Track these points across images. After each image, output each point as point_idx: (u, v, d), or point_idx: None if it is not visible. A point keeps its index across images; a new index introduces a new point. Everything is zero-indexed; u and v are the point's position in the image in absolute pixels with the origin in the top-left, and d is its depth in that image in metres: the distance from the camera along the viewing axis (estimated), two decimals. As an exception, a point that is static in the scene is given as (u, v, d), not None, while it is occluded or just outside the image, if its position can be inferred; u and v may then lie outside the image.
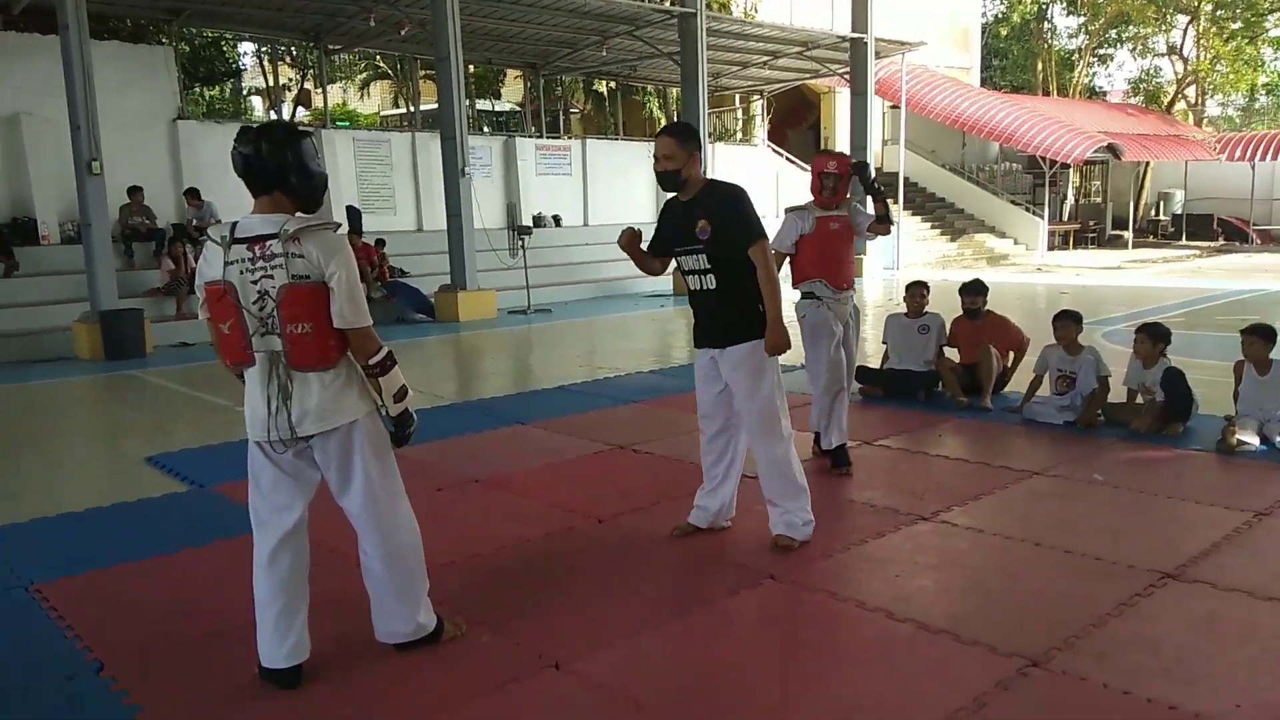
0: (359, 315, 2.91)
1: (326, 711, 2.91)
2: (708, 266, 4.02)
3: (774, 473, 4.15)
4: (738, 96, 25.69)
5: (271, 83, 23.55)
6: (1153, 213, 28.95)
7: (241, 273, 2.85)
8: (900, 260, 20.67)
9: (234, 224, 2.92)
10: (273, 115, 22.83)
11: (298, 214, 2.93)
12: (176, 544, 4.41)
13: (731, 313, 4.06)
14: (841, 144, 24.69)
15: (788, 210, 5.40)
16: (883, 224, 5.25)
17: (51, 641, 3.42)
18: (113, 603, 3.79)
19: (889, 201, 5.24)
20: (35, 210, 13.27)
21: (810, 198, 5.34)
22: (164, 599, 3.82)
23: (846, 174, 5.27)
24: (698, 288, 4.09)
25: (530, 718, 2.86)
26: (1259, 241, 26.23)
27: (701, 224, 3.96)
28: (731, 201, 4.02)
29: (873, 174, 5.13)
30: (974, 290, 7.17)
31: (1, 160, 13.16)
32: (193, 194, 13.69)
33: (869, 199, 5.33)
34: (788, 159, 23.91)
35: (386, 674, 3.11)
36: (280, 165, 2.88)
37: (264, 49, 22.36)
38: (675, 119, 23.56)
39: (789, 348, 4.10)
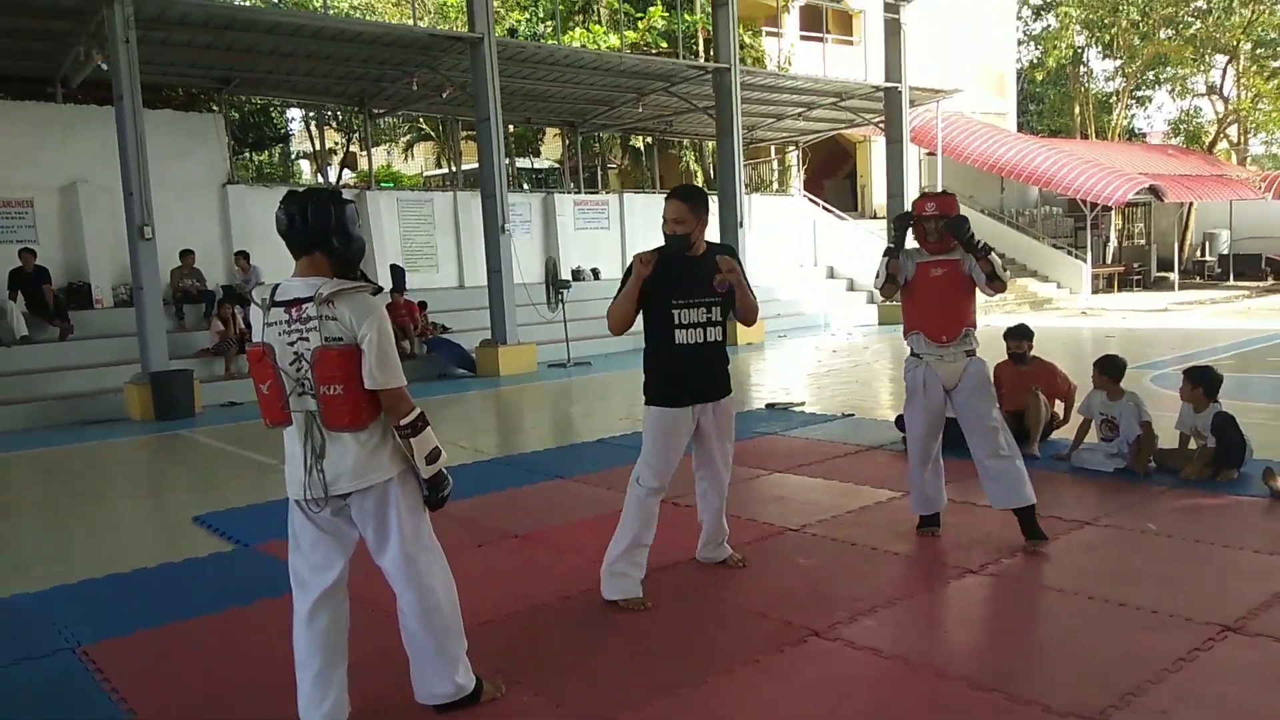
0: (389, 377, 2.92)
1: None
2: (720, 319, 4.22)
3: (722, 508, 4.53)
4: (773, 147, 25.89)
5: (318, 146, 24.22)
6: (1198, 253, 28.51)
7: (280, 335, 2.91)
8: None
9: (275, 287, 2.99)
10: (320, 179, 23.42)
11: (335, 278, 2.98)
12: (221, 604, 4.44)
13: (725, 364, 4.34)
14: (878, 192, 24.73)
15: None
16: (993, 283, 4.67)
17: (96, 704, 3.44)
18: (157, 664, 3.82)
19: (994, 257, 4.68)
20: (89, 275, 13.70)
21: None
22: (208, 659, 3.84)
23: (951, 217, 4.72)
24: (701, 340, 4.18)
25: (571, 780, 2.82)
26: (1310, 280, 25.70)
27: (720, 278, 4.14)
28: (738, 261, 4.27)
29: (969, 230, 4.68)
30: (1019, 335, 7.07)
31: (59, 227, 13.65)
32: (242, 256, 14.06)
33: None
34: (824, 208, 23.97)
35: (425, 735, 3.08)
36: (323, 227, 2.94)
37: (310, 114, 23.03)
38: (711, 171, 23.77)
39: None
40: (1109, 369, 6.22)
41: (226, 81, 15.89)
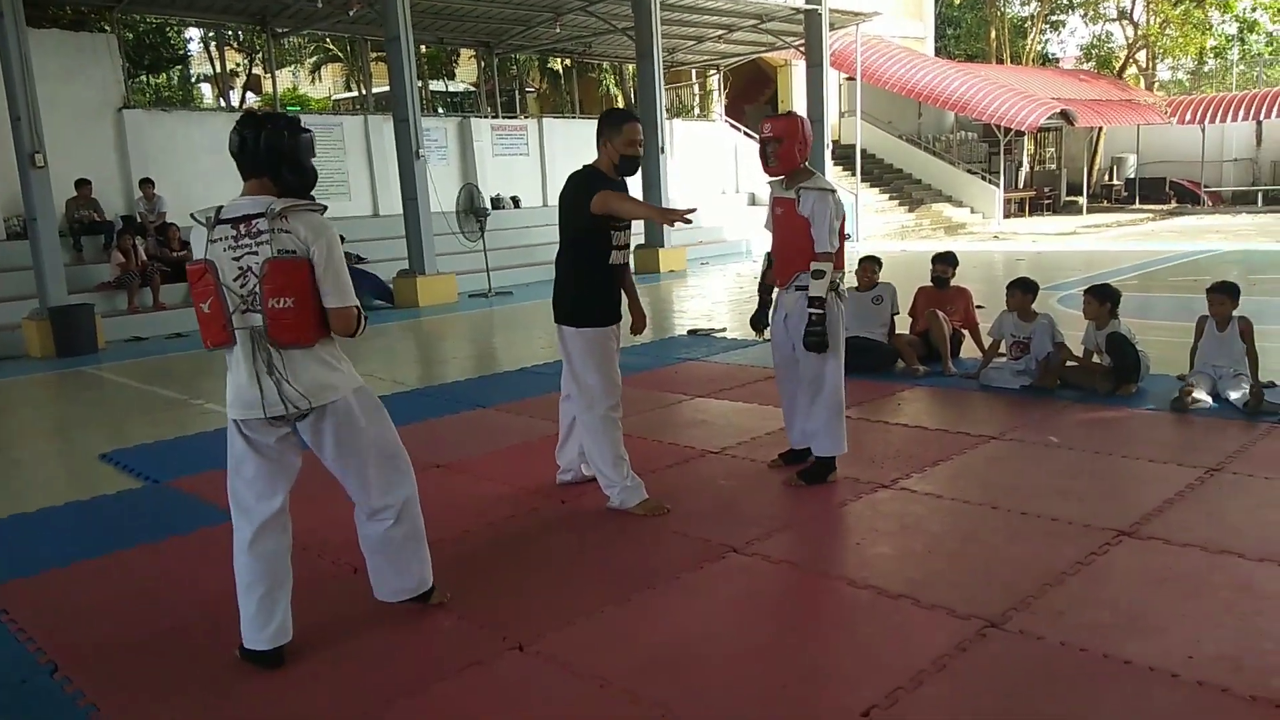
0: (345, 295, 2.96)
1: (273, 700, 2.88)
2: (630, 244, 4.42)
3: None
4: (694, 72, 25.59)
5: (219, 68, 23.09)
6: (1106, 177, 29.31)
7: (224, 250, 2.88)
8: (859, 232, 20.76)
9: (219, 207, 2.94)
10: (222, 102, 22.42)
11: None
12: (132, 541, 4.33)
13: None
14: (799, 117, 24.68)
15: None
16: (818, 258, 4.36)
17: (3, 645, 3.34)
18: (67, 603, 3.72)
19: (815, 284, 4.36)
20: (-23, 206, 12.96)
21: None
22: (120, 597, 3.76)
23: (790, 136, 4.40)
24: (623, 262, 4.39)
25: (493, 699, 2.85)
26: (1210, 203, 26.70)
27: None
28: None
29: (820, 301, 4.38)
30: (946, 260, 7.35)
31: (-59, 156, 12.81)
32: (147, 183, 13.41)
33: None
34: (745, 133, 23.87)
35: (340, 661, 3.08)
36: (274, 154, 2.93)
37: (210, 34, 21.93)
38: (632, 95, 23.43)
39: None
40: (1031, 287, 6.40)
41: (118, -2, 14.98)
